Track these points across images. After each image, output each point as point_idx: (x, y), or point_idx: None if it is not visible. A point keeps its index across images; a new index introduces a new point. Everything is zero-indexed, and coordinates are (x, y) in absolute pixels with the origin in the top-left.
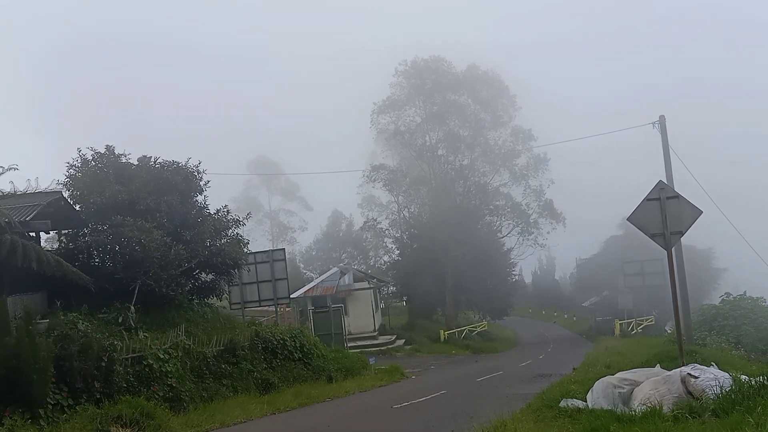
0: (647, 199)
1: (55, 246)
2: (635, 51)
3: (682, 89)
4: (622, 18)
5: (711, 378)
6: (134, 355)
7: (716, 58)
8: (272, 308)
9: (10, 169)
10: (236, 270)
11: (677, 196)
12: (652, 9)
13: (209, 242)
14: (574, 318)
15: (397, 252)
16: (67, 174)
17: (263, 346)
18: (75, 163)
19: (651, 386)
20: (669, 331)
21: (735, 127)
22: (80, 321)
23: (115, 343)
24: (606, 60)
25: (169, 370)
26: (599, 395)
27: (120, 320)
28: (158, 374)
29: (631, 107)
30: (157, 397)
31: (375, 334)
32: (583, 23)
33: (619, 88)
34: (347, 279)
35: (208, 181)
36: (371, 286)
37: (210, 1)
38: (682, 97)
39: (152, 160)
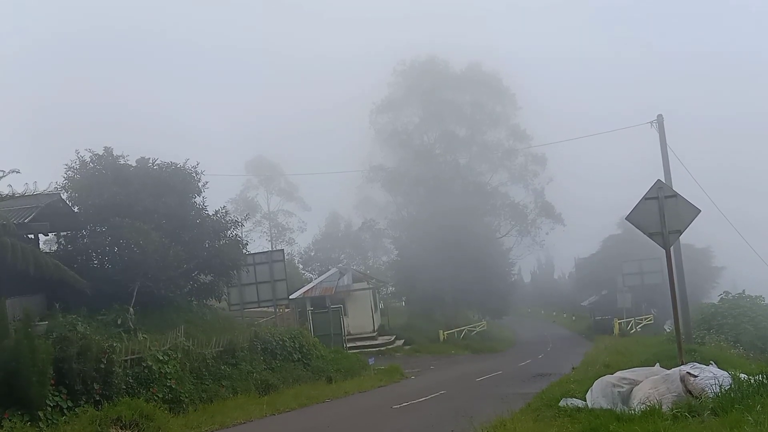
0: (645, 198)
1: (54, 248)
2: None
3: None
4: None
5: (710, 377)
6: (133, 356)
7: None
8: (271, 309)
9: (12, 172)
10: (235, 271)
11: (675, 195)
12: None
13: (208, 243)
14: (573, 317)
15: (396, 252)
16: (66, 176)
17: (262, 347)
18: (73, 165)
19: (650, 385)
20: (668, 330)
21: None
22: (79, 323)
23: (114, 344)
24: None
25: (168, 371)
26: (598, 394)
27: (119, 322)
28: (157, 376)
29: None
30: (156, 398)
31: (374, 334)
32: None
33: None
34: (346, 279)
35: (207, 182)
36: (370, 286)
37: (209, 0)
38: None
39: (150, 161)
